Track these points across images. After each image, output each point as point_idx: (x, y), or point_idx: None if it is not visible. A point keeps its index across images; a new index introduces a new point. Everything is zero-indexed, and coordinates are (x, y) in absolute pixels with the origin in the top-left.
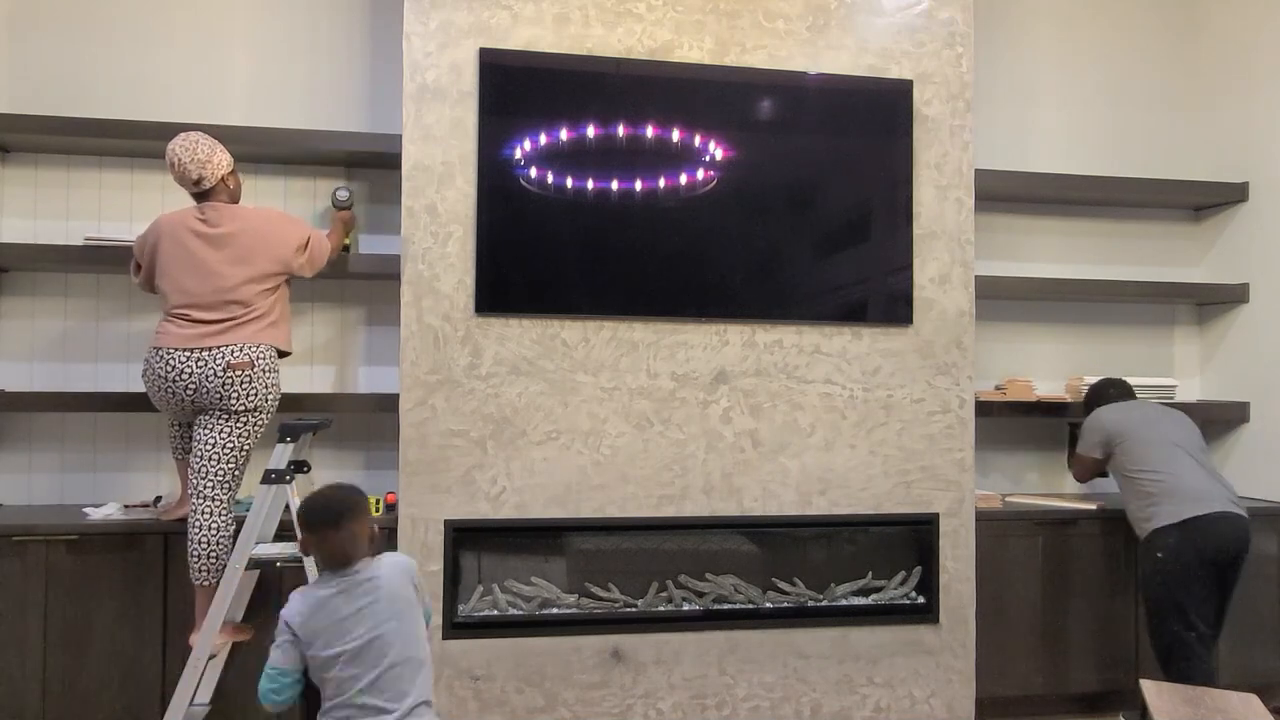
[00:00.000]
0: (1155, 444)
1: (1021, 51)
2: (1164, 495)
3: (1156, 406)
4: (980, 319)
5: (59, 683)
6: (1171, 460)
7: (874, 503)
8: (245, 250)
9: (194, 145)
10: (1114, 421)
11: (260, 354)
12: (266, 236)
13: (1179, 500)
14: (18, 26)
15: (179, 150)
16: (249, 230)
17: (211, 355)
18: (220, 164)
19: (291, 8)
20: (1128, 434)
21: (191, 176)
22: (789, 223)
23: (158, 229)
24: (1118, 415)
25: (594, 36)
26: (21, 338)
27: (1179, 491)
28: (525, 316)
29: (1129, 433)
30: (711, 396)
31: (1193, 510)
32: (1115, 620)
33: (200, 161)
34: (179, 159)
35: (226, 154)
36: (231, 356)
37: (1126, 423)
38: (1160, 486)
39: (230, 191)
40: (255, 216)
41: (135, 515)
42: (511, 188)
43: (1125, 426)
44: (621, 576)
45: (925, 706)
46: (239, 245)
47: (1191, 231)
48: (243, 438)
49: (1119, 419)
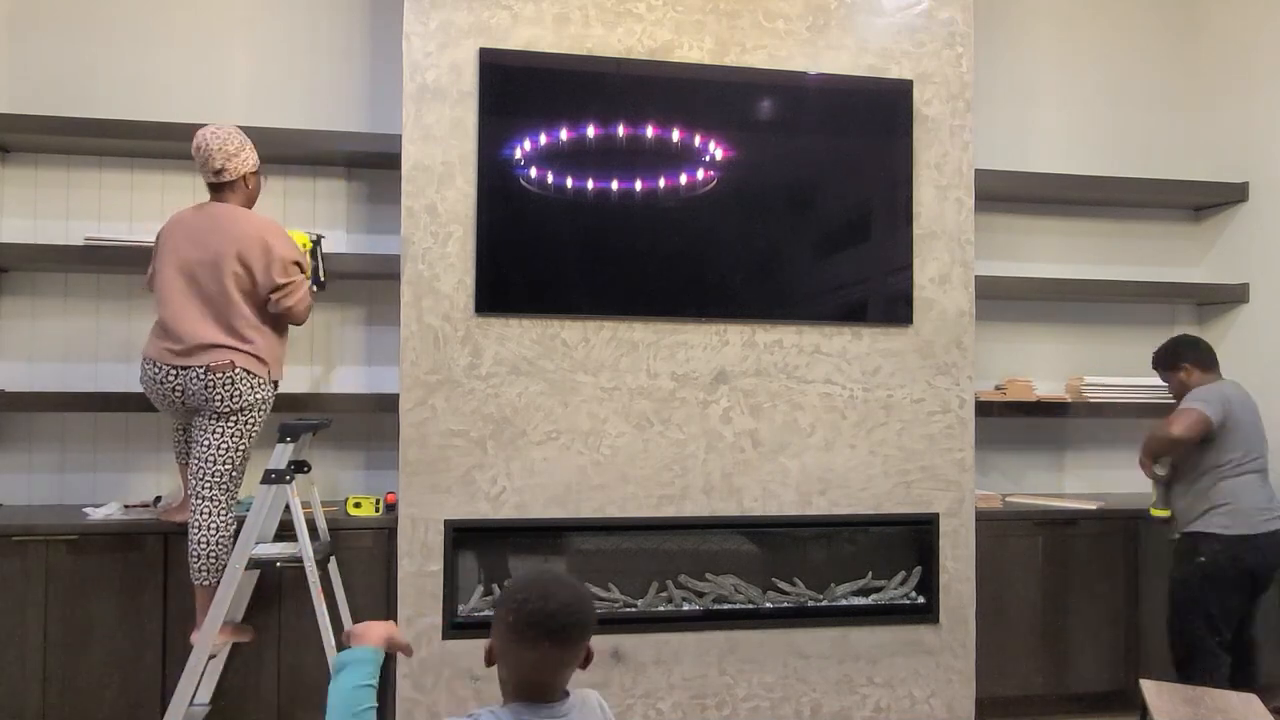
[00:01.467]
0: (1248, 445)
1: (1021, 51)
2: (1224, 504)
3: (1243, 390)
4: (980, 319)
5: (59, 683)
6: (1243, 465)
7: (874, 503)
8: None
9: (226, 136)
10: (1226, 405)
11: (241, 357)
12: (251, 241)
13: (1237, 515)
14: (18, 26)
15: (209, 137)
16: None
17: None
18: (246, 161)
19: (291, 8)
20: (1233, 425)
21: (214, 165)
22: (789, 223)
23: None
24: (1228, 397)
25: (594, 36)
26: (21, 338)
27: (1240, 506)
28: (525, 316)
29: (1235, 424)
30: (711, 396)
31: (1246, 528)
32: (1115, 620)
33: (228, 153)
34: (207, 144)
35: (255, 154)
36: (211, 360)
37: (1236, 411)
38: (1224, 494)
39: (247, 192)
40: (249, 223)
41: (135, 515)
42: (511, 188)
43: (1234, 416)
44: (621, 576)
45: (925, 706)
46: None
47: (1191, 231)
48: (237, 438)
49: (1230, 404)
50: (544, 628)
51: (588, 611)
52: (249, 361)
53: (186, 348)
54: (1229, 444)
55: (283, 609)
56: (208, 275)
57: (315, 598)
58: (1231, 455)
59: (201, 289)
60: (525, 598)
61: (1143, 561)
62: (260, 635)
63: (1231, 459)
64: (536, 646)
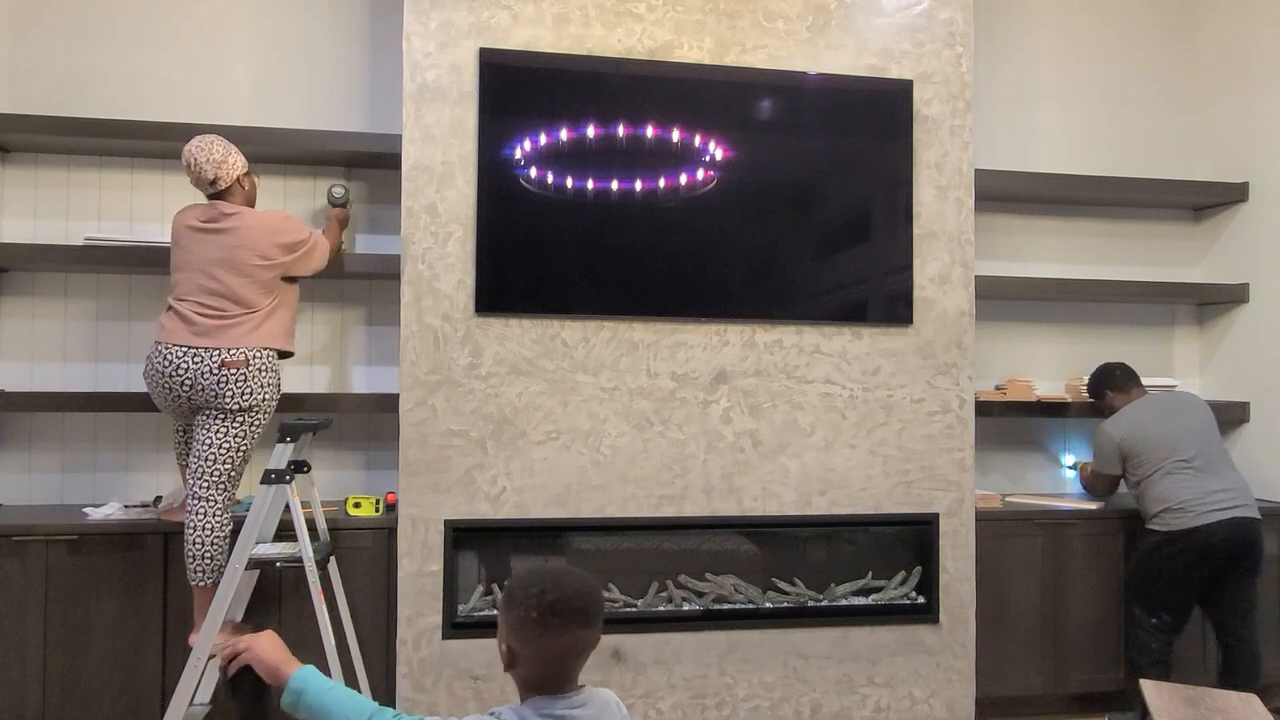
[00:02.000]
0: (1165, 451)
1: (1021, 51)
2: (1163, 508)
3: (1165, 397)
4: (980, 319)
5: (59, 683)
6: (1166, 469)
7: (874, 503)
8: (236, 246)
9: (209, 146)
10: (1124, 434)
11: (255, 354)
12: (257, 232)
13: (1177, 514)
14: (18, 26)
15: (194, 151)
16: (243, 227)
17: (207, 353)
18: (235, 165)
19: (291, 8)
20: (1136, 447)
21: (207, 177)
22: (789, 223)
23: (173, 226)
24: (1126, 426)
25: (594, 36)
26: (21, 338)
27: (1175, 505)
28: (525, 316)
29: (1138, 444)
30: (711, 396)
31: (1189, 522)
32: (1115, 620)
33: (215, 162)
34: (194, 159)
35: (241, 156)
36: (226, 355)
37: (1136, 431)
38: (1159, 498)
39: (245, 193)
40: (252, 215)
41: (135, 515)
42: (511, 188)
43: (1134, 437)
44: (621, 576)
45: (925, 706)
46: (231, 241)
47: (1191, 231)
48: (239, 438)
49: (1128, 429)
50: (571, 613)
51: (599, 590)
52: (263, 358)
53: (201, 330)
54: (1145, 458)
55: (283, 609)
56: (224, 272)
57: (315, 598)
58: (1152, 465)
59: (219, 284)
60: (542, 589)
61: None
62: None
63: (1158, 468)
64: (565, 634)
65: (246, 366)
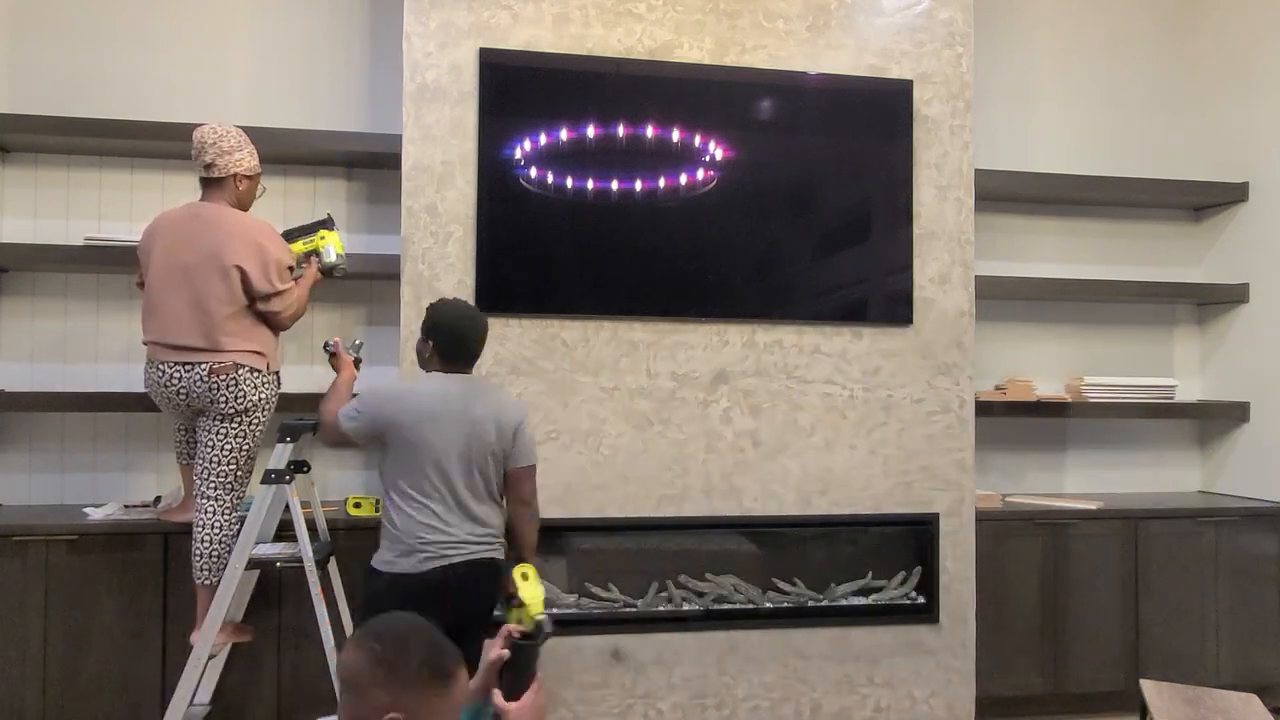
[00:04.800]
0: (427, 456)
1: (1021, 51)
2: (402, 534)
3: (467, 386)
4: (980, 319)
5: (59, 683)
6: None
7: (874, 503)
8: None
9: (224, 134)
10: (396, 399)
11: (243, 358)
12: (239, 229)
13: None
14: (18, 26)
15: (207, 132)
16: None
17: (196, 363)
18: (239, 162)
19: (291, 8)
20: (401, 425)
21: (205, 159)
22: (789, 223)
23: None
24: (408, 393)
25: (594, 36)
26: (21, 338)
27: (423, 536)
28: (525, 316)
29: (403, 424)
30: (711, 396)
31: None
32: (1115, 620)
33: (221, 150)
34: (203, 138)
35: (255, 159)
36: (214, 363)
37: (410, 407)
38: (405, 522)
39: (237, 194)
40: (235, 214)
41: (135, 515)
42: (511, 188)
43: (402, 410)
44: (621, 576)
45: (925, 706)
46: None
47: (1191, 231)
48: (241, 439)
49: (405, 396)
50: (448, 662)
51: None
52: (251, 359)
53: (185, 347)
54: (396, 468)
55: (283, 609)
56: (201, 276)
57: (315, 598)
58: (399, 481)
59: (195, 289)
60: (411, 642)
61: (1143, 561)
62: (260, 635)
63: (397, 488)
64: (454, 685)
65: (235, 371)
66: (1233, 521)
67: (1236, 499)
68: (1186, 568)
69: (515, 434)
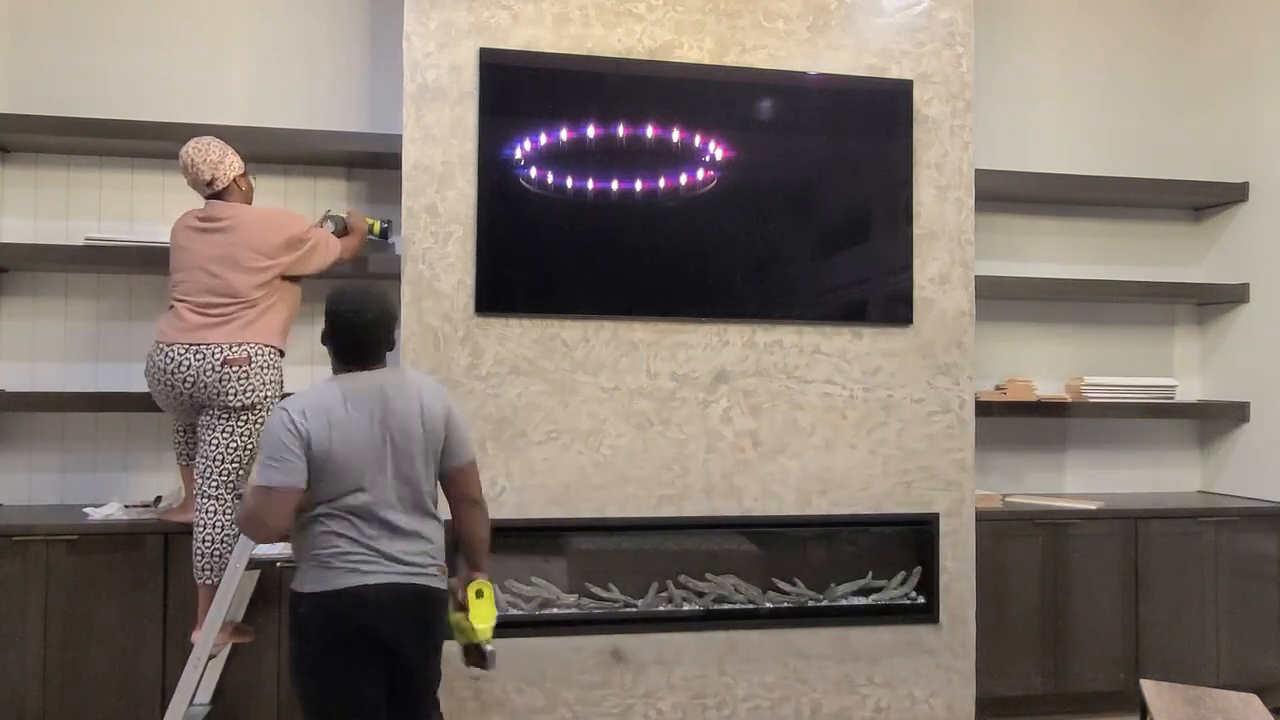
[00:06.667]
0: (344, 475)
1: (1021, 51)
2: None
3: (374, 382)
4: (980, 319)
5: (59, 682)
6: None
7: (874, 503)
8: (235, 243)
9: (205, 148)
10: (294, 426)
11: (257, 351)
12: (256, 228)
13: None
14: (18, 26)
15: (191, 153)
16: (242, 224)
17: (209, 349)
18: (231, 165)
19: (291, 8)
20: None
21: (204, 178)
22: (789, 223)
23: (172, 232)
24: (309, 410)
25: (594, 36)
26: (21, 338)
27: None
28: (525, 316)
29: (313, 447)
30: (711, 396)
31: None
32: (1115, 620)
33: (212, 163)
34: (191, 160)
35: (237, 157)
36: (228, 352)
37: (314, 427)
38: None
39: (243, 194)
40: (250, 212)
41: (135, 515)
42: (511, 188)
43: (311, 432)
44: (621, 576)
45: (925, 706)
46: (229, 238)
47: (1191, 231)
48: (244, 436)
49: (305, 417)
50: None
51: None
52: (265, 355)
53: (202, 326)
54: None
55: (283, 609)
56: (224, 269)
57: None
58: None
59: (219, 281)
60: None
61: (1143, 561)
62: (260, 635)
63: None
64: None
65: (249, 364)
66: (1233, 521)
67: (1236, 499)
68: (1186, 568)
69: (446, 427)
